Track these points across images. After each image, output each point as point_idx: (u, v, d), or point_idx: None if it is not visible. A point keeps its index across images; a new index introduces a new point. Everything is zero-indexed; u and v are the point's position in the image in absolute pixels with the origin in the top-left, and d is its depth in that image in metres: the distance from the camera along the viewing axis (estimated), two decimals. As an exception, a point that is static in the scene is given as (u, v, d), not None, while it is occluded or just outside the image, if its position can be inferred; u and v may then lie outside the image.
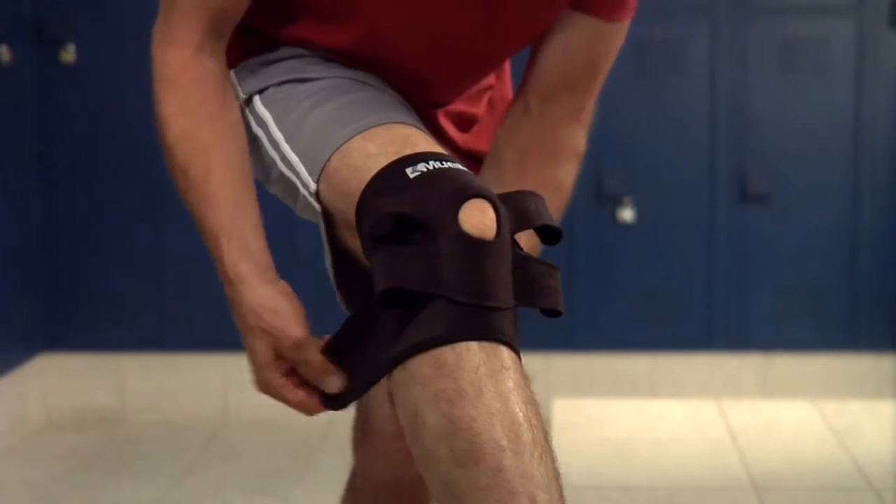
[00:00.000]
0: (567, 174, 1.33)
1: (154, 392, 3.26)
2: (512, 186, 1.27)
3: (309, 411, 1.16)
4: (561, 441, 0.91)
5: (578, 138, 1.33)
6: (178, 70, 1.20)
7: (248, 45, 1.28)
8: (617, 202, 3.22)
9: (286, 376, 1.14)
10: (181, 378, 3.25)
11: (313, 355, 1.11)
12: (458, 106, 1.37)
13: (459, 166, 1.04)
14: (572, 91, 1.30)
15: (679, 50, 3.21)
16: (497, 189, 1.22)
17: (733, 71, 3.21)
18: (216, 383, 3.25)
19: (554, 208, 1.27)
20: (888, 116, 3.20)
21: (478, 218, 0.99)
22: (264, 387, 1.16)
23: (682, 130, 3.24)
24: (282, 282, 1.14)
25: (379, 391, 1.46)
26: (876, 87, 3.20)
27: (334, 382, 1.11)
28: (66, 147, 3.21)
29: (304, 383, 1.14)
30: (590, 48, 1.28)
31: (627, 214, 3.22)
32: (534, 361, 1.07)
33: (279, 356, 1.13)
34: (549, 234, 1.10)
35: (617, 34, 1.28)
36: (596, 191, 3.20)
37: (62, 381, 3.25)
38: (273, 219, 1.20)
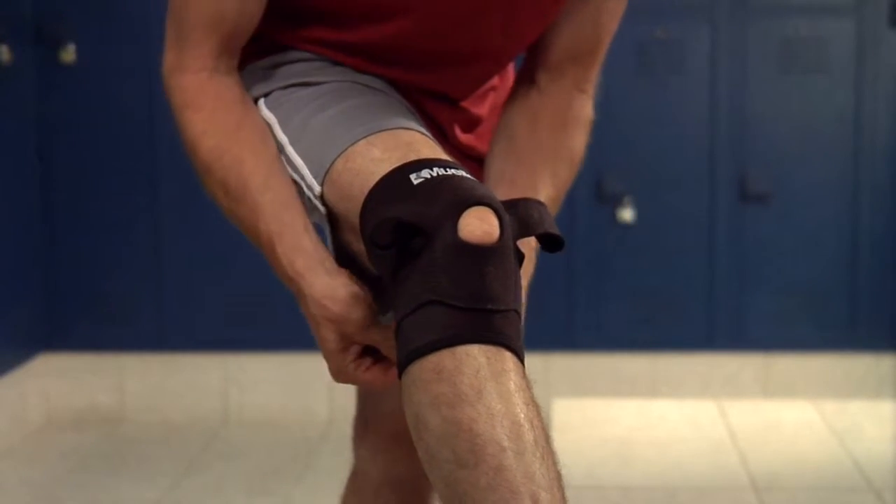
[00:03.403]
0: (579, 143, 1.33)
1: (154, 392, 3.26)
2: (525, 154, 1.29)
3: (387, 387, 1.14)
4: (561, 441, 0.92)
5: (586, 108, 1.34)
6: (197, 92, 1.20)
7: (251, 49, 1.28)
8: (617, 202, 3.22)
9: (359, 359, 1.14)
10: (181, 378, 3.25)
11: (379, 334, 1.11)
12: (464, 106, 1.37)
13: (464, 173, 1.05)
14: (578, 63, 1.32)
15: (679, 50, 3.21)
16: (508, 159, 1.26)
17: (733, 71, 3.21)
18: (216, 383, 3.25)
19: (566, 177, 1.30)
20: (888, 116, 3.20)
21: (478, 225, 0.99)
22: (338, 374, 1.15)
23: (682, 130, 3.24)
24: (342, 270, 1.14)
25: (377, 391, 1.46)
26: (876, 87, 3.20)
27: None
28: (66, 147, 3.21)
29: (378, 361, 1.14)
30: (595, 22, 1.30)
31: (627, 214, 3.22)
32: (534, 361, 1.07)
33: (349, 341, 1.13)
34: (550, 242, 1.10)
35: (619, 5, 1.30)
36: (596, 191, 3.20)
37: (62, 381, 3.25)
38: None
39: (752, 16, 3.20)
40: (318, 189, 1.14)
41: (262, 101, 1.24)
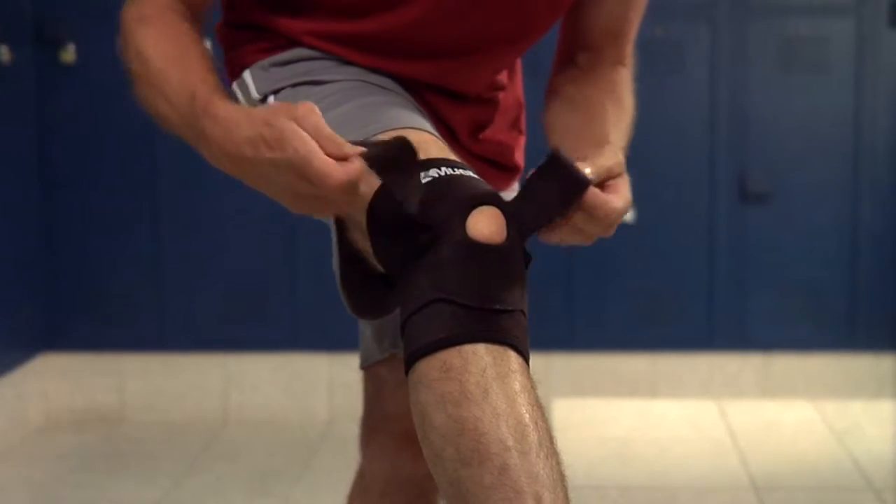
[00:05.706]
0: (628, 100, 1.37)
1: (154, 392, 3.26)
2: (584, 108, 1.32)
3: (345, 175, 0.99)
4: (561, 441, 0.92)
5: (627, 77, 1.39)
6: (152, 15, 1.20)
7: (260, 46, 1.28)
8: (617, 202, 3.22)
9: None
10: (181, 378, 3.25)
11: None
12: (475, 105, 1.37)
13: (471, 173, 1.05)
14: (615, 40, 1.38)
15: (679, 50, 3.21)
16: (571, 115, 1.29)
17: (733, 71, 3.21)
18: (216, 383, 3.25)
19: (625, 127, 1.33)
20: (888, 116, 3.21)
21: (486, 224, 1.00)
22: (301, 143, 0.99)
23: (681, 130, 3.24)
24: None
25: (385, 391, 1.46)
26: (876, 87, 3.20)
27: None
28: (66, 147, 3.21)
29: None
30: (625, 2, 1.36)
31: (627, 214, 3.22)
32: (534, 361, 1.07)
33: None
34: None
35: None
36: (596, 191, 3.20)
37: (62, 381, 3.25)
38: (273, 219, 1.19)
39: (752, 16, 3.20)
40: None
41: (272, 98, 1.25)
